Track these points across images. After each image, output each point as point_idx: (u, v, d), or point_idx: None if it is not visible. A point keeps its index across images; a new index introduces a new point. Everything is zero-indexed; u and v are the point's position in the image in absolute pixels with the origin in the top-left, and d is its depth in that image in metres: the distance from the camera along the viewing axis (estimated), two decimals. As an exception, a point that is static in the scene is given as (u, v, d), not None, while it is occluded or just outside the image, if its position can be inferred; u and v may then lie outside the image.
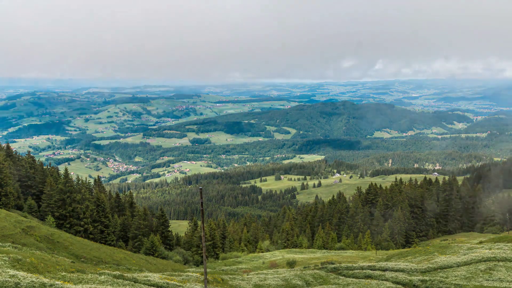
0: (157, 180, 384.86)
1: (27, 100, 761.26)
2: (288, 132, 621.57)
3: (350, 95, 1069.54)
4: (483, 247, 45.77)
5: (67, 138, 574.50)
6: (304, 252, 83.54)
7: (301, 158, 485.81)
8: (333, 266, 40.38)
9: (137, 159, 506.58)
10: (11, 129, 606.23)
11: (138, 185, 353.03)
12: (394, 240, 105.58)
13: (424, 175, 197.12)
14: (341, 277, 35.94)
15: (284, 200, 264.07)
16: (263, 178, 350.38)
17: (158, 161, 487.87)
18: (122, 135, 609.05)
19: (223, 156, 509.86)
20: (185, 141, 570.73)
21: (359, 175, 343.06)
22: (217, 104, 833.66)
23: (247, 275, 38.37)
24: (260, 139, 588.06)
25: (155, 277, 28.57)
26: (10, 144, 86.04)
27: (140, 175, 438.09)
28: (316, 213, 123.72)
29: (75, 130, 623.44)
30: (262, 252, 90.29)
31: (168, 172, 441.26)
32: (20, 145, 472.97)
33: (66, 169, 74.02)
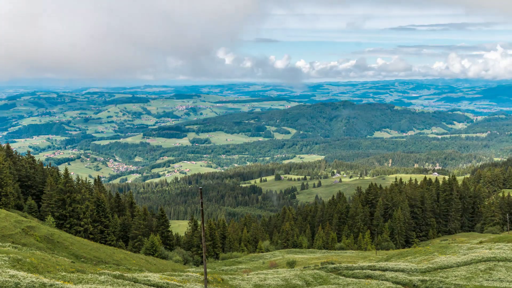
0: (157, 180, 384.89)
1: (27, 100, 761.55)
2: (288, 132, 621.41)
3: (350, 95, 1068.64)
4: (483, 247, 45.78)
5: (67, 138, 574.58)
6: (304, 252, 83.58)
7: (301, 158, 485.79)
8: (333, 266, 40.38)
9: (137, 159, 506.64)
10: (11, 129, 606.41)
11: (138, 185, 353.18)
12: (394, 240, 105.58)
13: (424, 175, 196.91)
14: (341, 277, 35.93)
15: (284, 200, 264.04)
16: (263, 178, 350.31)
17: (158, 161, 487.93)
18: (122, 135, 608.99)
19: (223, 156, 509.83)
20: (185, 141, 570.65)
21: (359, 175, 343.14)
22: (217, 104, 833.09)
23: (247, 275, 38.37)
24: (260, 139, 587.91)
25: (155, 277, 28.57)
26: (10, 144, 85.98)
27: (140, 175, 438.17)
28: (316, 213, 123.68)
29: (75, 130, 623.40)
30: (262, 252, 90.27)
31: (168, 172, 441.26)
32: (20, 145, 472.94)
33: (66, 169, 73.90)
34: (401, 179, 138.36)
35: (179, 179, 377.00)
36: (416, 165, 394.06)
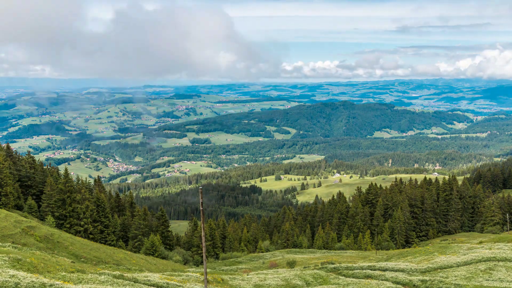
0: (157, 180, 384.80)
1: (27, 100, 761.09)
2: (288, 132, 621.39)
3: (350, 95, 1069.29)
4: (483, 247, 45.77)
5: (67, 138, 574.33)
6: (304, 252, 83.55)
7: (301, 158, 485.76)
8: (333, 266, 40.37)
9: (137, 159, 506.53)
10: (11, 129, 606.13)
11: (138, 185, 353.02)
12: (394, 240, 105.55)
13: (424, 175, 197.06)
14: (341, 277, 35.90)
15: (284, 200, 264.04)
16: (263, 178, 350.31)
17: (158, 161, 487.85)
18: (122, 135, 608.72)
19: (223, 156, 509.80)
20: (185, 141, 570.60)
21: (359, 175, 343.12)
22: (217, 104, 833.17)
23: (247, 275, 38.36)
24: (260, 139, 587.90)
25: (155, 277, 28.57)
26: (10, 144, 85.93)
27: (140, 175, 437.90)
28: (316, 213, 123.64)
29: (75, 130, 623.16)
30: (262, 252, 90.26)
31: (168, 172, 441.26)
32: (20, 145, 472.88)
33: (66, 169, 73.94)
34: (401, 179, 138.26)
35: (179, 179, 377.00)
36: (416, 165, 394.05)
